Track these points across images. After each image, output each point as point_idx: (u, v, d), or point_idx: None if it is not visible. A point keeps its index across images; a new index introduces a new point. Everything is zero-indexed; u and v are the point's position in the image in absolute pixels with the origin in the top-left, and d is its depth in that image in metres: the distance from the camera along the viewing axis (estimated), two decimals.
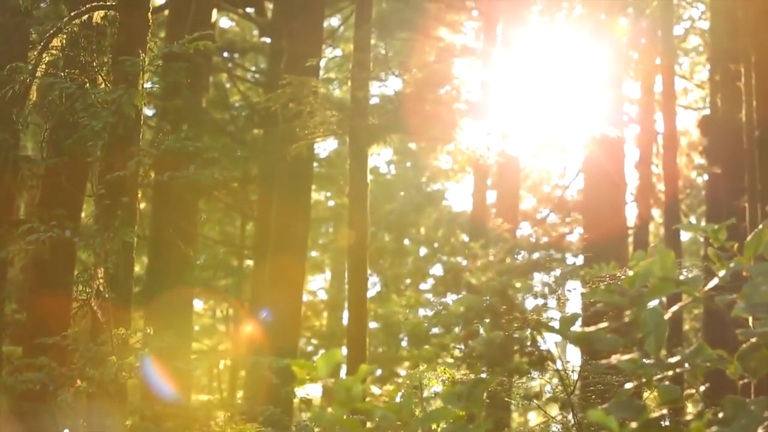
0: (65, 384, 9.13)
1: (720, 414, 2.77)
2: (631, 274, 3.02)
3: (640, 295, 2.97)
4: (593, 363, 7.81)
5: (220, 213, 22.86)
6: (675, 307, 3.34)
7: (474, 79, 13.17)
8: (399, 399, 3.55)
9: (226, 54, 23.47)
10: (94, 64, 11.13)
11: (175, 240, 12.95)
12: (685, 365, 2.90)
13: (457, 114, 12.14)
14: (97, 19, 10.99)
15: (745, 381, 3.10)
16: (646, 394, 6.33)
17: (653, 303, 2.98)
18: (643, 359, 2.89)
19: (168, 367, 9.50)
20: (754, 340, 2.90)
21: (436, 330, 4.91)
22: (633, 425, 2.79)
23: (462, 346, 4.90)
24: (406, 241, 30.00)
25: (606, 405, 2.84)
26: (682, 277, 3.02)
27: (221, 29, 24.26)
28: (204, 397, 23.29)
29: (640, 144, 23.51)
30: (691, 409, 4.61)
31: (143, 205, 13.69)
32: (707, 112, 23.64)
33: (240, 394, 21.42)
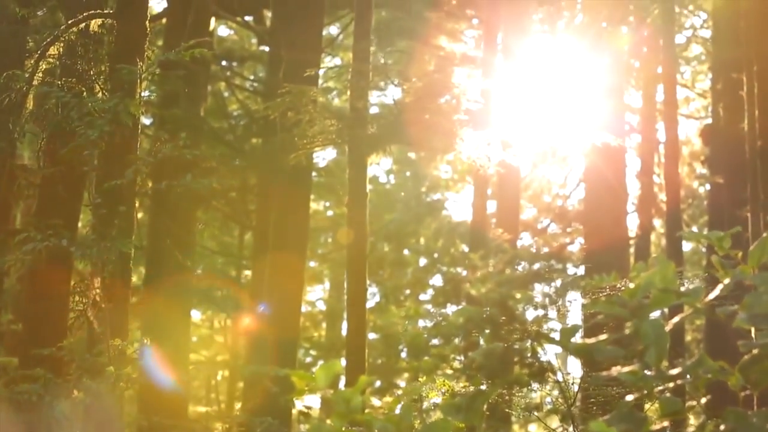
0: (62, 395, 9.08)
1: (722, 426, 2.76)
2: (632, 285, 3.00)
3: (641, 307, 2.94)
4: (594, 375, 7.76)
5: (218, 222, 22.80)
6: (676, 318, 3.29)
7: (474, 88, 13.10)
8: (398, 411, 3.56)
9: (224, 63, 23.50)
10: (91, 72, 11.13)
11: (173, 250, 12.92)
12: (687, 377, 2.89)
13: (457, 123, 12.07)
14: (95, 27, 10.99)
15: (747, 393, 3.01)
16: (647, 406, 6.25)
17: (654, 314, 2.96)
18: (644, 371, 2.86)
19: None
20: (756, 351, 2.88)
21: (435, 341, 4.85)
22: None
23: (462, 357, 4.88)
24: (405, 252, 29.96)
25: (607, 417, 2.83)
26: (683, 288, 3.00)
27: (219, 38, 24.27)
28: (202, 409, 23.26)
29: (641, 153, 23.47)
30: (693, 422, 4.56)
31: (140, 215, 13.65)
32: (709, 121, 23.60)
33: (238, 405, 21.33)
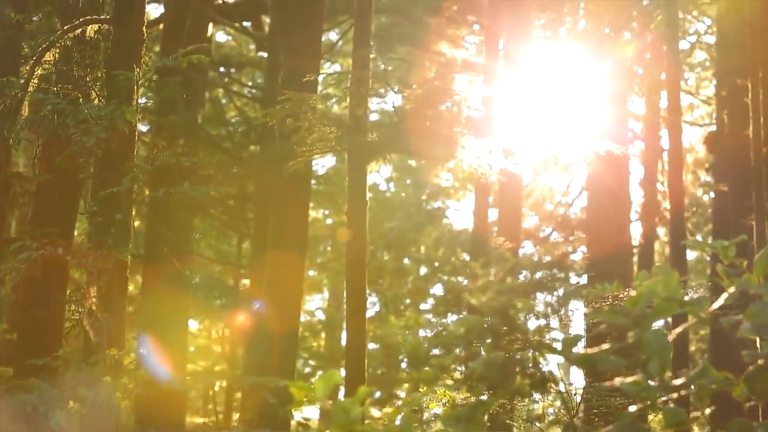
0: (57, 406, 9.03)
1: None
2: (635, 294, 2.98)
3: (644, 316, 2.94)
4: (596, 385, 7.68)
5: (215, 231, 22.81)
6: (680, 328, 3.26)
7: (475, 95, 12.99)
8: (398, 422, 3.59)
9: (222, 69, 23.53)
10: (87, 78, 11.13)
11: (170, 258, 12.87)
12: (691, 387, 2.87)
13: (458, 131, 11.96)
14: (91, 33, 10.98)
15: (752, 404, 2.99)
16: (650, 416, 6.14)
17: (658, 324, 2.96)
18: (648, 381, 2.87)
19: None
20: (761, 361, 2.87)
21: (436, 351, 4.86)
22: None
23: (462, 367, 4.84)
24: (405, 260, 29.93)
25: (609, 428, 2.83)
26: (687, 297, 2.99)
27: (217, 43, 24.27)
28: (199, 420, 23.18)
29: (644, 161, 23.42)
30: None
31: (137, 223, 13.60)
32: (713, 128, 23.56)
33: (236, 416, 21.25)
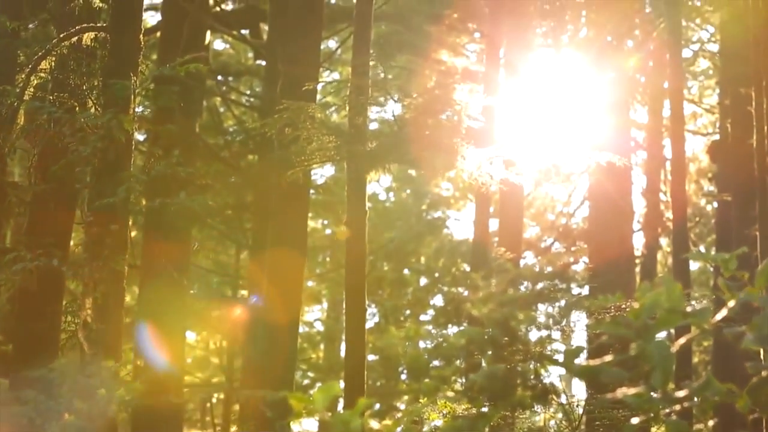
0: (53, 418, 8.99)
1: None
2: (638, 305, 2.96)
3: (646, 327, 2.92)
4: (599, 397, 7.63)
5: (213, 241, 22.79)
6: (683, 339, 3.25)
7: (476, 104, 12.94)
8: None
9: (220, 77, 23.53)
10: (83, 87, 11.13)
11: (167, 269, 12.82)
12: (694, 399, 2.88)
13: (459, 140, 11.89)
14: (87, 41, 10.99)
15: (756, 416, 3.03)
16: (653, 429, 6.10)
17: (660, 335, 2.95)
18: (650, 393, 2.87)
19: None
20: (764, 373, 2.87)
21: (436, 362, 4.89)
22: None
23: (463, 379, 4.85)
24: (405, 271, 29.91)
25: None
26: (690, 309, 2.98)
27: (215, 52, 24.28)
28: None
29: (647, 170, 23.40)
30: None
31: (134, 233, 13.54)
32: (717, 137, 23.53)
33: (234, 429, 21.19)
